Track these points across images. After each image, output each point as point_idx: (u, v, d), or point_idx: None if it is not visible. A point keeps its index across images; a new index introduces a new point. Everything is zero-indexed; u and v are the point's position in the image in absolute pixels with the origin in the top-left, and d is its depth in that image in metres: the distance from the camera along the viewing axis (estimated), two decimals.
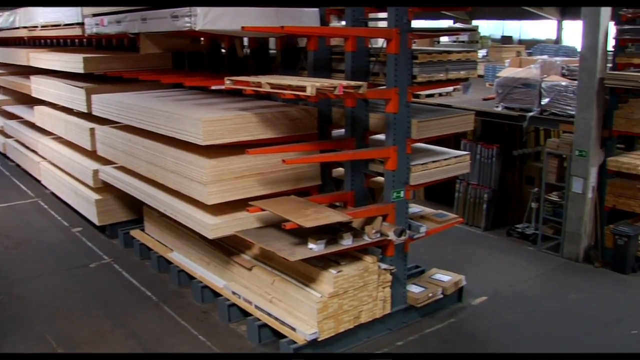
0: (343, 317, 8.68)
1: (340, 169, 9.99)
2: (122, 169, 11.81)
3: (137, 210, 12.86)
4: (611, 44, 12.11)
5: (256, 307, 9.16)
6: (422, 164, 9.20)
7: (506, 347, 9.20)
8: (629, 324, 9.91)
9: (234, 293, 9.60)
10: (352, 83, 7.90)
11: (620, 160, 11.86)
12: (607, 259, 12.12)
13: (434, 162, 9.36)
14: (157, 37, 10.78)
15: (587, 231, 12.28)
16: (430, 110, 10.13)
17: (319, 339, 8.44)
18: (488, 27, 34.35)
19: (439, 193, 15.55)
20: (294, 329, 8.52)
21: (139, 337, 9.35)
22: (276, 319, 8.82)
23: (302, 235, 8.49)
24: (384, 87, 8.90)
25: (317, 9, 9.55)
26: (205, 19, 8.58)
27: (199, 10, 8.50)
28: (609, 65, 12.20)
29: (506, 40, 30.77)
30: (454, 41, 23.11)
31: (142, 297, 10.69)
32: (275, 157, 8.90)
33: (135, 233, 12.66)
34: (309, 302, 8.47)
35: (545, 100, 12.83)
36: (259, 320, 9.07)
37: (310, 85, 7.42)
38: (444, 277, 10.33)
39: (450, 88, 15.89)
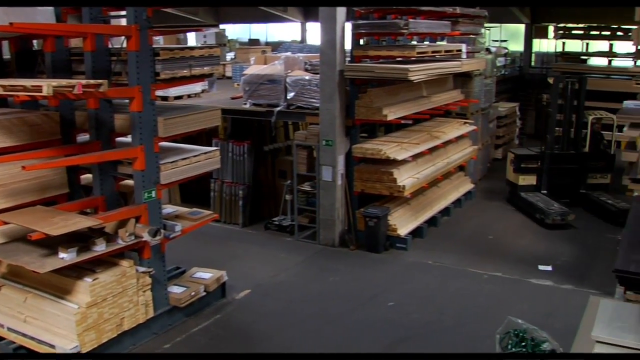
0: (105, 327, 8.37)
1: (90, 176, 9.60)
2: None
3: None
4: (348, 38, 12.78)
5: (9, 329, 8.48)
6: (172, 162, 9.13)
7: (271, 334, 9.43)
8: (386, 297, 10.60)
9: None
10: (92, 81, 7.64)
11: (365, 147, 12.65)
12: (361, 240, 12.83)
13: (183, 159, 9.32)
14: None
15: (340, 217, 12.91)
16: (177, 108, 10.06)
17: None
18: (235, 31, 34.78)
19: (195, 194, 15.43)
20: (53, 346, 8.04)
21: None
22: (32, 338, 8.24)
23: (53, 246, 8.04)
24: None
25: (52, 8, 9.10)
26: None
27: None
28: (348, 58, 12.86)
29: (253, 42, 31.33)
30: (203, 44, 23.17)
31: None
32: (15, 166, 8.29)
33: None
34: (66, 315, 8.06)
35: (290, 95, 13.24)
36: (14, 342, 8.43)
37: (47, 85, 7.06)
38: (205, 274, 10.35)
39: (199, 89, 15.97)
